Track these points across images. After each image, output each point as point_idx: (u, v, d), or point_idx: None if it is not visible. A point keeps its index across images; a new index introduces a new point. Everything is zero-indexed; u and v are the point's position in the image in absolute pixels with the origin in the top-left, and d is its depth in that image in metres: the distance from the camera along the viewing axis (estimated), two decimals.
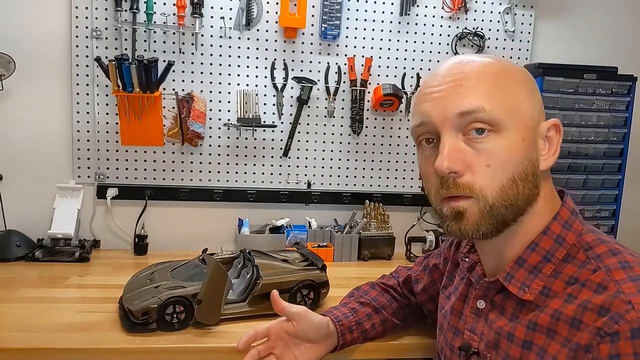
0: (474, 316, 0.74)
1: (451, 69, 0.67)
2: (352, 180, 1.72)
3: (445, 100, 0.65)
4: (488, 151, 0.64)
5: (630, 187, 1.75)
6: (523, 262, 0.67)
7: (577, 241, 0.66)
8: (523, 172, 0.65)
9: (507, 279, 0.68)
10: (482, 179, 0.64)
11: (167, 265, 1.17)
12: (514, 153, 0.64)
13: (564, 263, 0.65)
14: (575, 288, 0.61)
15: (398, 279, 1.06)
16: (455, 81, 0.65)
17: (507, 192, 0.64)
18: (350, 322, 0.94)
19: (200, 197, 1.63)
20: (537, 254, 0.66)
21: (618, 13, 1.79)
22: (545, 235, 0.67)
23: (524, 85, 0.67)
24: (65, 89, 1.54)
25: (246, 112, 1.60)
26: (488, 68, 0.67)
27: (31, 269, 1.38)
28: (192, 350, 0.98)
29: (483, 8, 1.70)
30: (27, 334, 0.98)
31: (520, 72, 0.69)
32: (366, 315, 0.98)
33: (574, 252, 0.65)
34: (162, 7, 1.52)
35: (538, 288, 0.65)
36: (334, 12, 1.59)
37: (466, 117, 0.64)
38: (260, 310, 1.10)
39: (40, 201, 1.54)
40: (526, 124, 0.65)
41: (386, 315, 1.00)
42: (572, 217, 0.68)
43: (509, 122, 0.64)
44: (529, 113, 0.66)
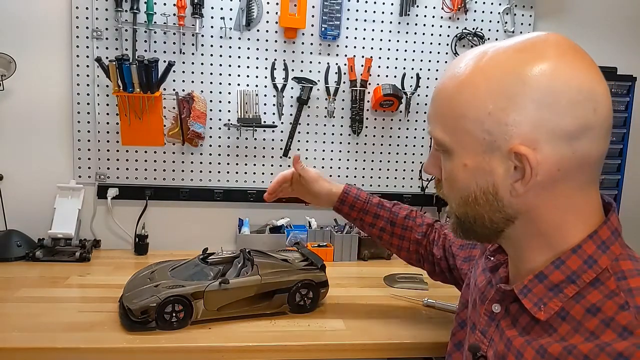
0: (487, 319, 0.70)
1: (442, 75, 0.67)
2: (352, 180, 1.72)
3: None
4: (444, 167, 0.65)
5: (629, 187, 1.75)
6: (544, 277, 0.61)
7: (610, 266, 0.59)
8: (471, 196, 0.62)
9: (523, 292, 0.63)
10: (445, 190, 0.66)
11: (167, 265, 1.17)
12: (457, 177, 0.63)
13: (590, 287, 0.58)
14: (597, 325, 0.55)
15: (441, 230, 1.09)
16: (432, 94, 0.67)
17: (465, 210, 0.64)
18: (356, 202, 1.11)
19: (200, 197, 1.64)
20: (562, 272, 0.60)
21: (618, 13, 1.79)
22: (575, 254, 0.60)
23: (484, 102, 0.58)
24: (65, 89, 1.54)
25: (246, 112, 1.60)
26: (448, 84, 0.62)
27: (32, 268, 1.38)
28: (192, 350, 0.98)
29: (483, 8, 1.70)
30: (28, 333, 0.99)
31: (489, 85, 0.58)
32: (374, 214, 1.11)
33: (604, 278, 0.58)
34: (162, 8, 1.52)
35: (555, 308, 0.60)
36: (333, 12, 1.60)
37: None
38: (260, 309, 1.11)
39: (41, 201, 1.54)
40: (474, 149, 0.59)
41: (391, 231, 1.10)
42: (612, 237, 0.60)
43: (453, 146, 0.62)
44: (477, 136, 0.59)
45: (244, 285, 1.08)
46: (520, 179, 0.58)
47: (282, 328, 1.08)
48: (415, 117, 1.71)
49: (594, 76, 0.57)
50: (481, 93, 0.58)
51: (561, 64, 0.56)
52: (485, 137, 0.58)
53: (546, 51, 0.57)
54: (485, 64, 0.59)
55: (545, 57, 0.56)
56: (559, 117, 0.55)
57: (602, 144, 0.58)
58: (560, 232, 0.61)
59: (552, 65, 0.56)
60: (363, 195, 1.12)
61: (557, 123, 0.55)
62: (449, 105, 0.61)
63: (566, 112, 0.55)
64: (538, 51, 0.57)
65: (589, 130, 0.56)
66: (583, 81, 0.56)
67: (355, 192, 1.12)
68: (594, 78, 0.57)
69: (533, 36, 0.60)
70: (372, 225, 1.11)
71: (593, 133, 0.56)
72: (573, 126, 0.55)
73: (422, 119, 1.72)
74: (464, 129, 0.60)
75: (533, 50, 0.58)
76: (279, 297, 1.12)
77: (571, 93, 0.55)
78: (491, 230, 0.64)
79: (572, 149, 0.56)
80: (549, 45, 0.58)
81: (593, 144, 0.57)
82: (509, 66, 0.57)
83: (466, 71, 0.60)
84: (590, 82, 0.56)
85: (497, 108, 0.57)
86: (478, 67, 0.59)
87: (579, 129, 0.55)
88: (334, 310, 1.18)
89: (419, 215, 1.13)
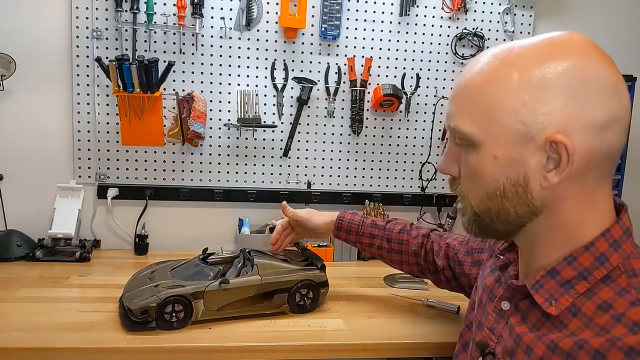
0: (496, 316, 0.71)
1: (460, 75, 0.68)
2: (352, 180, 1.72)
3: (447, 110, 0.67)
4: (466, 163, 0.66)
5: (630, 187, 1.75)
6: (556, 274, 0.63)
7: (622, 264, 0.60)
8: (499, 189, 0.62)
9: (535, 288, 0.64)
10: (465, 187, 0.67)
11: (167, 265, 1.17)
12: (484, 170, 0.63)
13: (601, 284, 0.60)
14: (607, 320, 0.56)
15: (441, 240, 1.10)
16: (452, 93, 0.67)
17: (488, 205, 0.64)
18: (351, 227, 1.17)
19: (200, 197, 1.64)
20: (574, 269, 0.61)
21: (617, 13, 1.79)
22: (587, 252, 0.61)
23: (518, 93, 0.59)
24: (65, 89, 1.54)
25: (246, 112, 1.60)
26: (476, 78, 0.63)
27: (32, 268, 1.38)
28: (192, 350, 0.98)
29: (483, 8, 1.70)
30: (28, 333, 0.99)
31: (524, 76, 0.59)
32: (370, 235, 1.16)
33: (616, 275, 0.59)
34: (162, 8, 1.52)
35: (566, 304, 0.61)
36: (334, 12, 1.60)
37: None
38: (260, 309, 1.11)
39: (41, 201, 1.54)
40: (506, 140, 0.60)
41: (388, 247, 1.15)
42: (623, 236, 0.62)
43: (482, 138, 0.62)
44: (510, 127, 0.60)
45: (244, 285, 1.08)
46: (553, 168, 0.59)
47: (282, 328, 1.08)
48: (415, 117, 1.71)
49: (617, 72, 0.61)
50: (515, 84, 0.59)
51: (589, 59, 0.59)
52: (520, 128, 0.59)
53: (574, 47, 0.60)
54: (516, 57, 0.61)
55: (574, 52, 0.59)
56: (590, 108, 0.58)
57: (624, 136, 0.61)
58: (579, 227, 0.62)
59: (581, 59, 0.58)
60: (357, 218, 1.18)
61: (589, 113, 0.58)
62: (479, 98, 0.62)
63: (597, 103, 0.58)
64: (567, 46, 0.60)
65: (615, 121, 0.59)
66: (609, 75, 0.59)
67: (349, 217, 1.18)
68: (618, 74, 0.61)
69: (558, 34, 0.62)
70: (371, 245, 1.17)
71: (619, 125, 0.59)
72: (603, 117, 0.58)
73: (422, 119, 1.72)
74: (496, 120, 0.60)
75: (562, 45, 0.60)
76: (279, 297, 1.12)
77: (600, 85, 0.58)
78: (513, 226, 0.65)
79: (601, 140, 0.58)
80: (576, 41, 0.61)
81: (617, 136, 0.60)
82: (541, 59, 0.59)
83: (494, 65, 0.62)
84: (615, 77, 0.60)
85: (532, 98, 0.58)
86: (508, 61, 0.61)
87: (608, 120, 0.58)
88: (334, 310, 1.18)
89: (414, 227, 1.16)
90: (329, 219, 1.19)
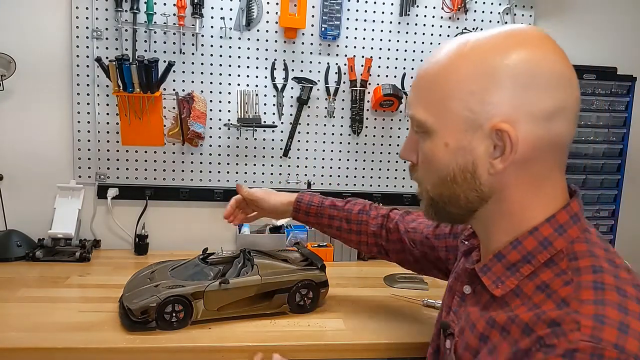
0: (459, 300, 0.75)
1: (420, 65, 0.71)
2: (352, 180, 1.72)
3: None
4: (422, 150, 0.68)
5: (629, 187, 1.75)
6: (502, 257, 0.66)
7: (566, 248, 0.63)
8: (450, 175, 0.65)
9: (484, 271, 0.68)
10: (421, 173, 0.70)
11: (167, 265, 1.17)
12: (437, 157, 0.66)
13: (544, 267, 0.63)
14: (542, 298, 0.60)
15: (403, 222, 1.09)
16: (412, 82, 0.70)
17: (441, 190, 0.67)
18: (310, 208, 1.14)
19: (200, 197, 1.64)
20: (518, 252, 0.65)
21: (617, 13, 1.79)
22: (531, 236, 0.64)
23: (468, 83, 0.62)
24: (65, 89, 1.54)
25: (246, 112, 1.60)
26: (433, 67, 0.66)
27: (32, 268, 1.38)
28: (192, 350, 0.98)
29: (483, 8, 1.70)
30: (28, 333, 0.99)
31: (475, 67, 0.62)
32: (329, 216, 1.13)
33: (558, 259, 0.62)
34: (162, 8, 1.52)
35: (511, 286, 0.64)
36: (334, 12, 1.60)
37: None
38: (260, 310, 1.11)
39: (41, 201, 1.54)
40: (456, 127, 0.63)
41: (347, 228, 1.12)
42: (570, 221, 0.64)
43: (435, 125, 0.65)
44: (460, 115, 0.62)
45: (244, 285, 1.08)
46: (499, 156, 0.62)
47: (282, 328, 1.08)
48: None
49: (567, 64, 0.63)
50: (465, 74, 0.62)
51: (539, 51, 0.61)
52: (468, 116, 0.62)
53: (526, 39, 0.62)
54: (469, 50, 0.63)
55: (525, 45, 0.62)
56: (537, 98, 0.60)
57: (572, 126, 0.64)
58: (525, 213, 0.65)
59: (531, 51, 0.61)
60: (316, 200, 1.15)
61: (535, 103, 0.60)
62: (433, 87, 0.65)
63: (544, 93, 0.60)
64: (518, 39, 0.62)
65: (563, 111, 0.61)
66: (558, 67, 0.62)
67: (308, 198, 1.15)
68: (566, 65, 0.63)
69: (512, 27, 0.65)
70: (330, 226, 1.14)
71: (566, 115, 0.62)
72: (549, 107, 0.60)
73: None
74: (448, 108, 0.63)
75: (514, 38, 0.63)
76: (279, 297, 1.12)
77: (548, 76, 0.61)
78: (465, 210, 0.68)
79: (547, 129, 0.61)
80: (528, 35, 0.63)
81: (565, 125, 0.62)
82: (492, 51, 0.62)
83: (449, 56, 0.64)
84: (564, 68, 0.62)
85: (480, 88, 0.61)
86: (462, 52, 0.64)
87: (555, 110, 0.61)
88: (334, 310, 1.18)
89: (373, 207, 1.14)
90: (286, 200, 1.16)
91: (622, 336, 0.52)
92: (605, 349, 0.51)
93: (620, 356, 0.51)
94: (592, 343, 0.52)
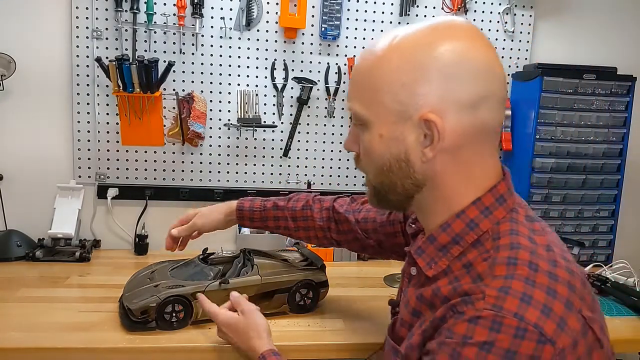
0: (407, 281, 0.78)
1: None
2: (352, 180, 1.72)
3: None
4: (362, 142, 0.71)
5: (629, 187, 1.75)
6: (434, 239, 0.69)
7: (491, 229, 0.66)
8: (386, 165, 0.68)
9: (418, 253, 0.71)
10: (364, 164, 0.73)
11: (167, 265, 1.17)
12: (374, 148, 0.69)
13: (472, 247, 0.66)
14: (462, 274, 0.64)
15: (353, 214, 1.10)
16: (350, 76, 0.73)
17: (381, 179, 0.70)
18: (253, 214, 1.13)
19: (200, 197, 1.63)
20: (447, 234, 0.68)
21: (618, 13, 1.79)
22: (459, 219, 0.67)
23: (398, 76, 0.64)
24: (65, 89, 1.54)
25: (246, 112, 1.60)
26: (366, 62, 0.69)
27: (32, 268, 1.38)
28: (192, 350, 0.98)
29: (483, 8, 1.70)
30: (28, 333, 0.99)
31: (403, 60, 0.65)
32: (274, 217, 1.13)
33: (484, 239, 0.66)
34: (162, 8, 1.52)
35: (443, 266, 0.68)
36: (334, 12, 1.60)
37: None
38: (260, 310, 1.10)
39: (41, 201, 1.54)
40: (388, 119, 0.66)
41: (295, 226, 1.12)
42: (495, 204, 0.67)
43: (371, 118, 0.68)
44: (391, 107, 0.65)
45: (244, 285, 1.08)
46: (429, 145, 0.65)
47: (282, 328, 1.08)
48: None
49: (492, 55, 0.66)
50: (395, 67, 0.65)
51: (465, 43, 0.64)
52: (399, 108, 0.65)
53: (452, 32, 0.66)
54: (399, 42, 0.66)
55: (451, 37, 0.65)
56: (462, 88, 0.63)
57: (498, 114, 0.67)
58: (456, 197, 0.68)
59: (457, 43, 0.64)
60: (257, 204, 1.15)
61: (460, 93, 0.63)
62: (366, 80, 0.68)
63: (468, 82, 0.63)
64: (445, 32, 0.66)
65: (488, 99, 0.64)
66: (482, 57, 0.65)
67: (249, 204, 1.15)
68: (491, 57, 0.66)
69: (440, 20, 0.68)
70: (277, 227, 1.15)
71: (491, 102, 0.65)
72: (474, 95, 0.63)
73: None
74: (380, 101, 0.66)
75: (441, 30, 0.66)
76: (279, 297, 1.12)
77: (472, 66, 0.64)
78: (403, 197, 0.71)
79: (474, 116, 0.64)
80: (455, 27, 0.66)
81: (491, 112, 0.65)
82: (419, 43, 0.65)
83: (380, 50, 0.67)
84: (488, 59, 0.65)
85: (409, 80, 0.64)
86: (392, 46, 0.66)
87: (480, 98, 0.64)
88: (334, 310, 1.18)
89: (316, 200, 1.14)
90: (226, 212, 1.15)
91: (523, 306, 0.56)
92: (505, 317, 0.55)
93: (520, 324, 0.55)
94: (494, 311, 0.56)
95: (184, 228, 1.16)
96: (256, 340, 0.90)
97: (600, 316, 0.63)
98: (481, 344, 0.55)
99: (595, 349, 0.59)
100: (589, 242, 1.66)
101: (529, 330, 0.55)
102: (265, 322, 0.94)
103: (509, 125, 1.69)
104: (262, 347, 0.89)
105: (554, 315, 0.56)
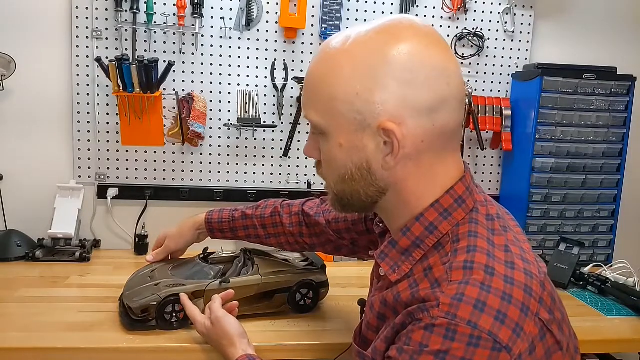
0: (376, 281, 0.78)
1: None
2: None
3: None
4: (322, 149, 0.70)
5: (629, 187, 1.75)
6: (395, 244, 0.69)
7: (451, 231, 0.65)
8: (348, 173, 0.67)
9: (381, 257, 0.70)
10: (324, 170, 0.72)
11: (167, 264, 1.17)
12: (334, 157, 0.68)
13: (434, 250, 0.66)
14: (422, 279, 0.64)
15: (324, 215, 1.08)
16: (304, 80, 0.71)
17: (343, 187, 0.69)
18: (222, 225, 1.13)
19: (200, 197, 1.63)
20: (407, 238, 0.67)
21: (618, 13, 1.79)
22: (418, 222, 0.67)
23: (352, 84, 0.63)
24: (65, 89, 1.54)
25: (246, 112, 1.60)
26: (317, 68, 0.67)
27: (31, 268, 1.38)
28: (192, 350, 0.98)
29: (483, 8, 1.70)
30: (28, 333, 0.99)
31: (355, 67, 0.63)
32: (243, 227, 1.12)
33: (445, 242, 0.65)
34: (162, 8, 1.52)
35: (406, 270, 0.67)
36: (334, 12, 1.60)
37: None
38: (260, 309, 1.11)
39: (41, 201, 1.54)
40: (347, 128, 0.64)
41: (265, 234, 1.12)
42: (454, 205, 0.66)
43: (328, 127, 0.66)
44: (349, 117, 0.64)
45: (244, 284, 1.08)
46: (390, 152, 0.64)
47: (282, 328, 1.08)
48: None
49: (446, 54, 0.64)
50: (348, 75, 0.63)
51: (416, 44, 0.62)
52: (356, 117, 0.63)
53: (402, 33, 0.63)
54: (350, 47, 0.64)
55: (402, 39, 0.62)
56: (418, 93, 0.62)
57: (457, 114, 0.66)
58: (418, 201, 0.67)
59: (409, 45, 0.62)
60: (225, 214, 1.14)
61: (417, 98, 0.62)
62: (320, 89, 0.66)
63: (425, 87, 0.62)
64: (395, 33, 0.63)
65: (445, 102, 0.63)
66: (436, 59, 0.62)
67: (217, 216, 1.15)
68: (445, 56, 0.64)
69: (390, 19, 0.66)
70: (248, 236, 1.14)
71: (449, 105, 0.63)
72: (431, 100, 0.62)
73: None
74: (336, 110, 0.64)
75: (391, 32, 0.63)
76: (279, 297, 1.12)
77: (427, 70, 0.62)
78: (367, 203, 0.70)
79: (433, 121, 0.63)
80: (404, 27, 0.64)
81: (450, 114, 0.64)
82: (371, 48, 0.63)
83: (331, 55, 0.65)
84: (442, 59, 0.63)
85: (364, 88, 0.62)
86: (343, 50, 0.64)
87: (437, 102, 0.62)
88: (334, 310, 1.18)
89: (285, 206, 1.13)
90: (194, 227, 1.17)
91: (476, 313, 0.55)
92: (459, 325, 0.55)
93: (473, 332, 0.54)
94: (447, 319, 0.56)
95: (159, 252, 1.18)
96: (229, 349, 0.89)
97: (561, 315, 0.62)
98: (436, 352, 0.55)
99: (554, 352, 0.59)
100: (589, 242, 1.66)
101: (483, 338, 0.54)
102: (236, 326, 0.92)
103: (509, 125, 1.69)
104: (235, 354, 0.88)
105: (509, 322, 0.55)
